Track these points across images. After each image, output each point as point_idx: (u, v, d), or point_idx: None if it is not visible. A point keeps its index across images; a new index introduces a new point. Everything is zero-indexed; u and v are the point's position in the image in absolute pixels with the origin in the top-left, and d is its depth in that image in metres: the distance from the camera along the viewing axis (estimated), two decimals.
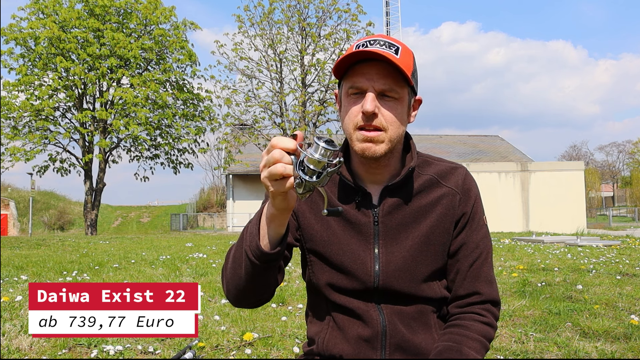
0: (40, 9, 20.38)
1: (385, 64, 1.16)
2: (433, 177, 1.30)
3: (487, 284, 1.29)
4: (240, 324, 3.43)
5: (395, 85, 1.17)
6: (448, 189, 1.29)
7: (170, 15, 21.83)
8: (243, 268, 1.15)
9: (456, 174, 1.32)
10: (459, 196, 1.29)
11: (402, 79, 1.18)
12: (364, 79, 1.17)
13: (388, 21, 37.80)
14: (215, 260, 7.20)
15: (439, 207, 1.28)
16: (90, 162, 21.34)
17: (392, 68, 1.16)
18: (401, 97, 1.20)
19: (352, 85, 1.19)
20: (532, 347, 2.97)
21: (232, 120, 20.17)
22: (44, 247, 10.53)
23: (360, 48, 1.17)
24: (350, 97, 1.20)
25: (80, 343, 2.87)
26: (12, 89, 20.05)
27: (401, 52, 1.18)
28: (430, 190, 1.29)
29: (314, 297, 1.36)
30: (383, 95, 1.18)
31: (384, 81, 1.16)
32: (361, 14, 19.99)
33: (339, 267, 1.27)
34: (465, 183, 1.31)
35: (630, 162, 50.46)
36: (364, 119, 1.17)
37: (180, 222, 31.95)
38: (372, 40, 1.18)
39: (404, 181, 1.27)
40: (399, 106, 1.20)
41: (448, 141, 33.16)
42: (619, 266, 6.16)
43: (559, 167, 21.95)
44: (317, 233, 1.29)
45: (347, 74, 1.21)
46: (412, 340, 1.26)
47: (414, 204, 1.27)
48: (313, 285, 1.33)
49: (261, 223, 1.13)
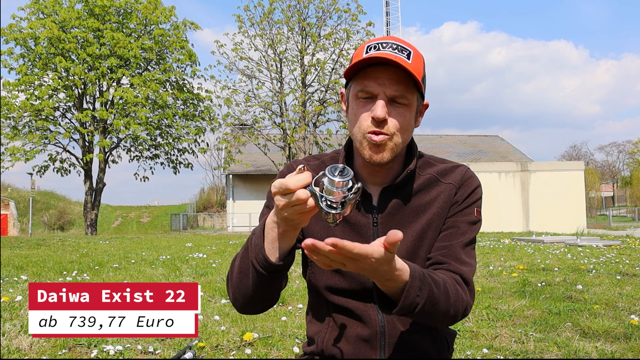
0: (40, 9, 20.37)
1: (397, 69, 1.14)
2: (433, 175, 1.30)
3: (458, 262, 1.22)
4: (240, 324, 3.43)
5: (406, 91, 1.17)
6: (447, 184, 1.29)
7: (170, 15, 21.83)
8: (250, 278, 1.15)
9: (457, 171, 1.31)
10: (455, 189, 1.28)
11: (413, 85, 1.17)
12: (375, 83, 1.16)
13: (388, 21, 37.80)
14: (215, 260, 7.20)
15: (437, 203, 1.27)
16: (90, 162, 21.34)
17: (404, 74, 1.15)
18: (410, 103, 1.19)
19: (363, 88, 1.17)
20: (532, 347, 2.97)
21: (232, 120, 20.15)
22: (44, 247, 10.53)
23: (372, 51, 1.15)
24: (360, 101, 1.19)
25: (80, 343, 2.87)
26: (12, 89, 20.04)
27: (413, 56, 1.17)
28: (429, 188, 1.29)
29: (314, 297, 1.36)
30: (393, 101, 1.17)
31: (396, 87, 1.15)
32: (361, 14, 19.97)
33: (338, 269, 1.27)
34: (465, 177, 1.30)
35: (630, 162, 50.47)
36: (374, 124, 1.17)
37: (180, 222, 31.95)
38: (384, 43, 1.17)
39: (404, 182, 1.27)
40: (408, 112, 1.19)
41: (448, 141, 33.16)
42: (619, 266, 6.16)
43: (559, 167, 21.94)
44: (316, 234, 1.29)
45: (357, 76, 1.19)
46: (412, 339, 1.26)
47: (413, 204, 1.27)
48: (313, 286, 1.33)
49: (267, 235, 1.11)
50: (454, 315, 1.17)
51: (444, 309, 1.13)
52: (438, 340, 1.31)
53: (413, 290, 1.06)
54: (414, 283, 1.06)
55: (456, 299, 1.16)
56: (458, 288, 1.18)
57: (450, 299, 1.14)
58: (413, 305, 1.07)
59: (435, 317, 1.14)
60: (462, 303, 1.18)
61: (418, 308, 1.07)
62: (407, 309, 1.07)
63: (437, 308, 1.11)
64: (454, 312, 1.16)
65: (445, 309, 1.13)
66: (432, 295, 1.09)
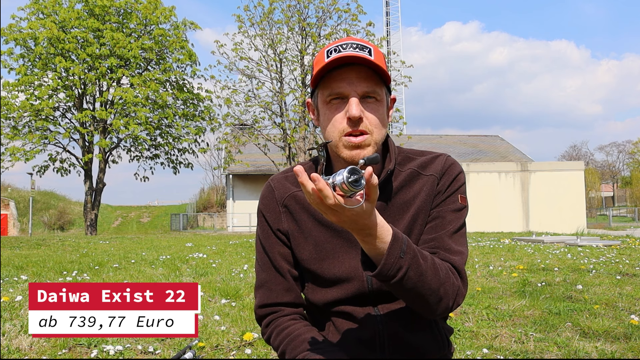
0: (39, 9, 20.38)
1: (363, 66, 1.14)
2: (414, 170, 1.28)
3: (447, 251, 1.19)
4: (240, 324, 3.43)
5: (376, 86, 1.17)
6: (428, 177, 1.27)
7: (170, 15, 21.83)
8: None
9: (437, 161, 1.29)
10: (437, 180, 1.26)
11: (381, 80, 1.18)
12: (344, 83, 1.15)
13: (388, 21, 37.80)
14: (215, 260, 7.20)
15: (420, 196, 1.26)
16: (90, 162, 21.34)
17: (371, 70, 1.15)
18: (381, 98, 1.19)
19: (332, 91, 1.16)
20: (532, 347, 2.97)
21: (232, 120, 20.14)
22: (44, 247, 10.53)
23: (334, 54, 1.15)
24: (331, 104, 1.18)
25: (80, 343, 2.87)
26: (12, 89, 20.05)
27: (374, 52, 1.17)
28: (411, 183, 1.27)
29: (312, 309, 1.36)
30: (365, 98, 1.16)
31: (366, 84, 1.15)
32: (361, 14, 19.96)
33: (333, 281, 1.27)
34: (445, 166, 1.28)
35: (630, 162, 50.50)
36: (350, 124, 1.15)
37: (180, 222, 31.95)
38: (344, 44, 1.16)
39: (385, 183, 1.26)
40: (380, 107, 1.19)
41: (448, 141, 33.14)
42: (619, 266, 6.16)
43: (559, 167, 21.95)
44: (306, 252, 1.29)
45: (323, 81, 1.18)
46: (411, 339, 1.26)
47: (397, 201, 1.26)
48: (310, 302, 1.34)
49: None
50: (444, 296, 1.12)
51: (433, 284, 1.08)
52: (438, 340, 1.30)
53: (395, 250, 1.02)
54: (396, 243, 1.02)
55: (446, 277, 1.12)
56: (448, 270, 1.15)
57: (440, 275, 1.10)
58: (396, 266, 1.02)
59: (423, 293, 1.08)
60: (452, 286, 1.14)
61: (402, 272, 1.03)
62: (389, 269, 1.02)
63: (424, 280, 1.07)
64: (444, 293, 1.11)
65: (434, 285, 1.09)
66: (417, 262, 1.05)
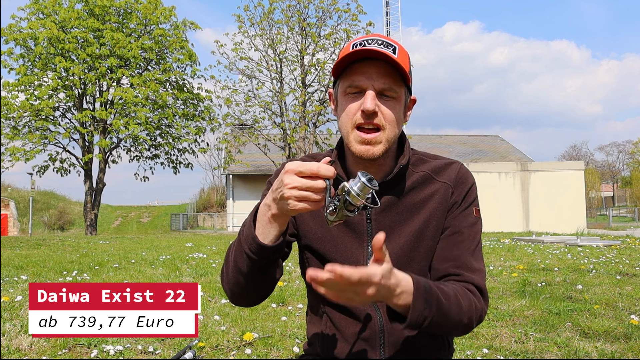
0: (39, 9, 20.36)
1: (385, 62, 1.16)
2: (427, 173, 1.29)
3: (469, 271, 1.22)
4: (240, 324, 3.43)
5: (394, 84, 1.17)
6: (441, 183, 1.28)
7: (170, 15, 21.81)
8: (244, 265, 1.15)
9: (450, 168, 1.30)
10: (451, 189, 1.27)
11: (400, 78, 1.18)
12: (363, 77, 1.16)
13: (388, 21, 37.78)
14: (215, 260, 7.20)
15: (432, 202, 1.26)
16: (90, 162, 21.33)
17: (391, 67, 1.16)
18: (399, 97, 1.20)
19: (351, 84, 1.18)
20: (532, 347, 2.97)
21: (232, 120, 20.16)
22: (44, 247, 10.53)
23: (358, 47, 1.16)
24: (349, 96, 1.19)
25: (80, 343, 2.87)
26: (12, 89, 20.04)
27: (398, 51, 1.18)
28: (423, 186, 1.28)
29: (312, 297, 1.36)
30: (382, 94, 1.17)
31: (384, 80, 1.16)
32: (361, 14, 19.98)
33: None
34: (459, 176, 1.29)
35: (630, 162, 50.49)
36: (364, 117, 1.17)
37: (180, 222, 31.95)
38: (369, 40, 1.18)
39: (397, 179, 1.26)
40: (397, 105, 1.20)
41: (448, 141, 33.15)
42: (619, 266, 6.16)
43: (559, 167, 21.93)
44: (312, 229, 1.29)
45: (344, 73, 1.20)
46: (411, 338, 1.26)
47: (407, 201, 1.26)
48: (311, 288, 1.33)
49: (259, 220, 1.12)
50: (468, 323, 1.16)
51: (456, 319, 1.13)
52: (438, 339, 1.30)
53: (419, 304, 1.05)
54: (418, 298, 1.06)
55: (469, 307, 1.16)
56: (471, 297, 1.18)
57: (463, 308, 1.14)
58: (421, 318, 1.07)
59: (448, 328, 1.14)
60: (476, 311, 1.18)
61: (427, 321, 1.07)
62: (415, 322, 1.07)
63: (449, 319, 1.11)
64: (468, 320, 1.16)
65: (457, 319, 1.13)
66: (440, 306, 1.09)
